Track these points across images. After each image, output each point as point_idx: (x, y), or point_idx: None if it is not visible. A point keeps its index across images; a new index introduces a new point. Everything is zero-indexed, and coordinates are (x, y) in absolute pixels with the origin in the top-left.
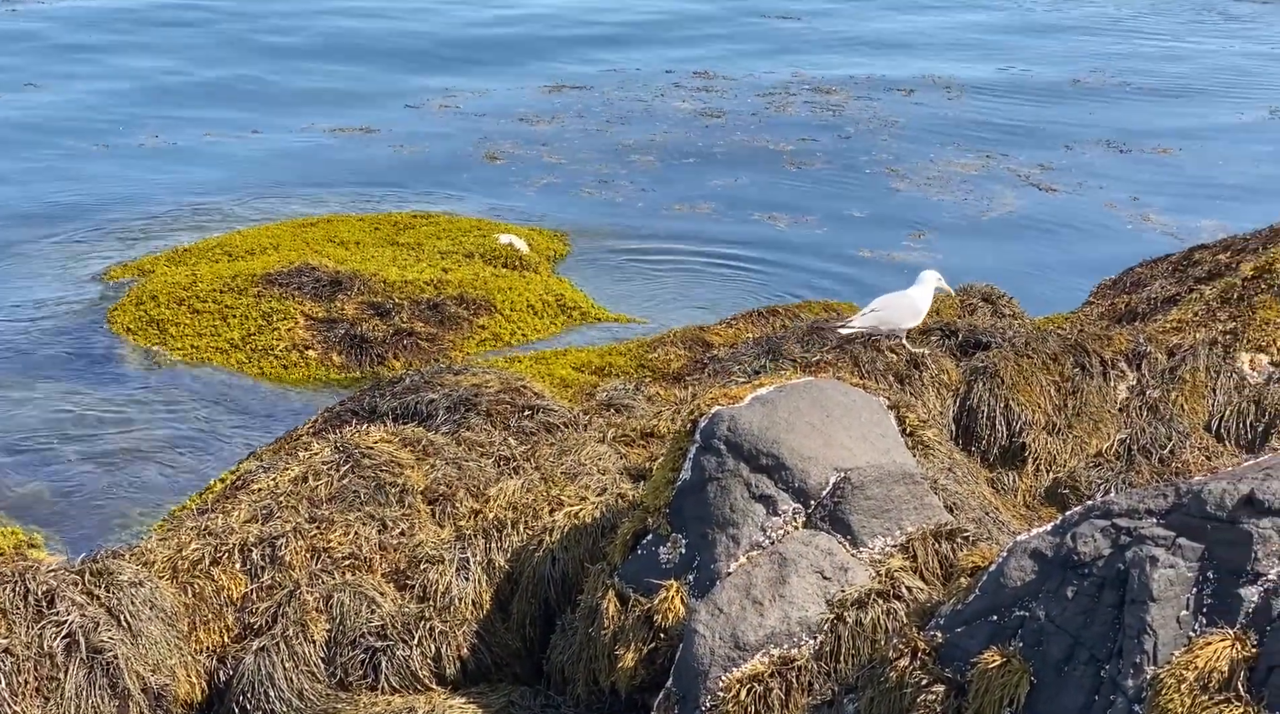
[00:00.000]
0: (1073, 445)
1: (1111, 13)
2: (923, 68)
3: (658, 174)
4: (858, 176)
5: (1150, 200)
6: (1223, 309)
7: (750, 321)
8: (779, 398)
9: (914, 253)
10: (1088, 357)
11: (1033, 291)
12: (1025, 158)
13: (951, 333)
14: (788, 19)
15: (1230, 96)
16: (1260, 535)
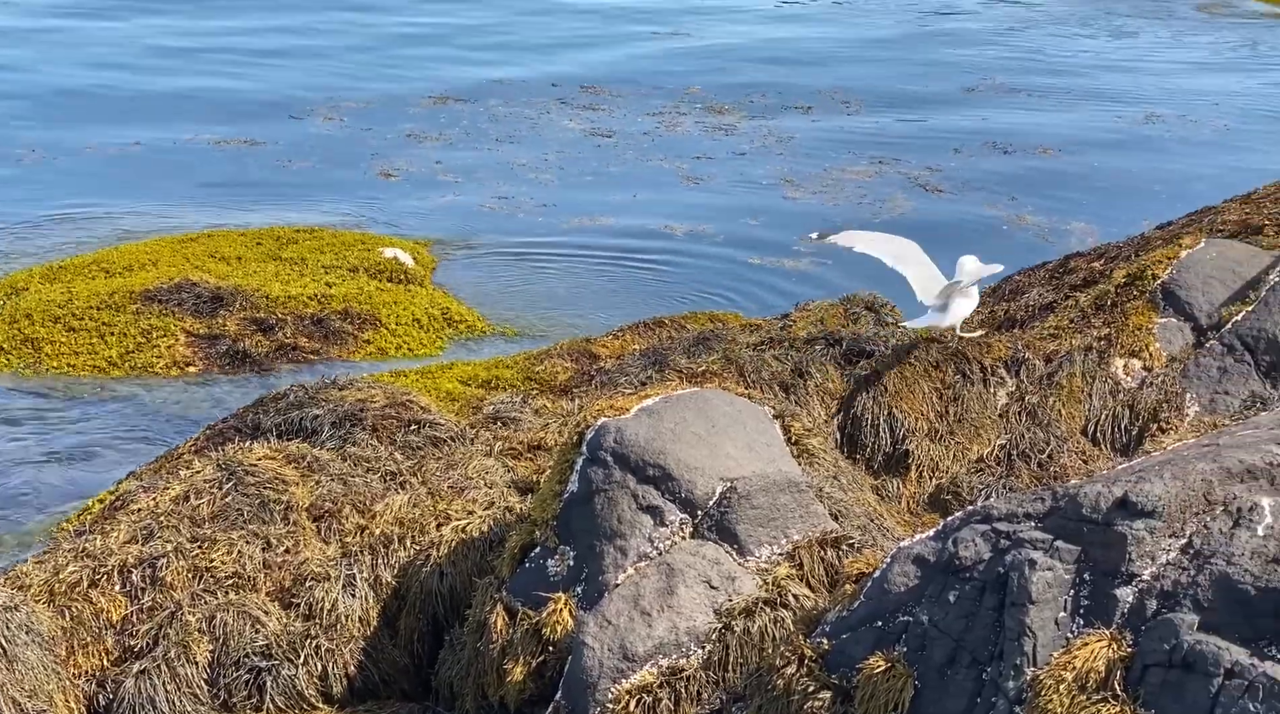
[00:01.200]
0: (955, 452)
1: (1005, 25)
2: (822, 83)
3: (552, 190)
4: (753, 188)
5: (1026, 202)
6: (1097, 316)
7: (637, 333)
8: (665, 409)
9: (804, 259)
10: (968, 364)
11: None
12: (916, 161)
13: (835, 342)
14: (676, 35)
15: (1109, 103)
16: (1134, 537)
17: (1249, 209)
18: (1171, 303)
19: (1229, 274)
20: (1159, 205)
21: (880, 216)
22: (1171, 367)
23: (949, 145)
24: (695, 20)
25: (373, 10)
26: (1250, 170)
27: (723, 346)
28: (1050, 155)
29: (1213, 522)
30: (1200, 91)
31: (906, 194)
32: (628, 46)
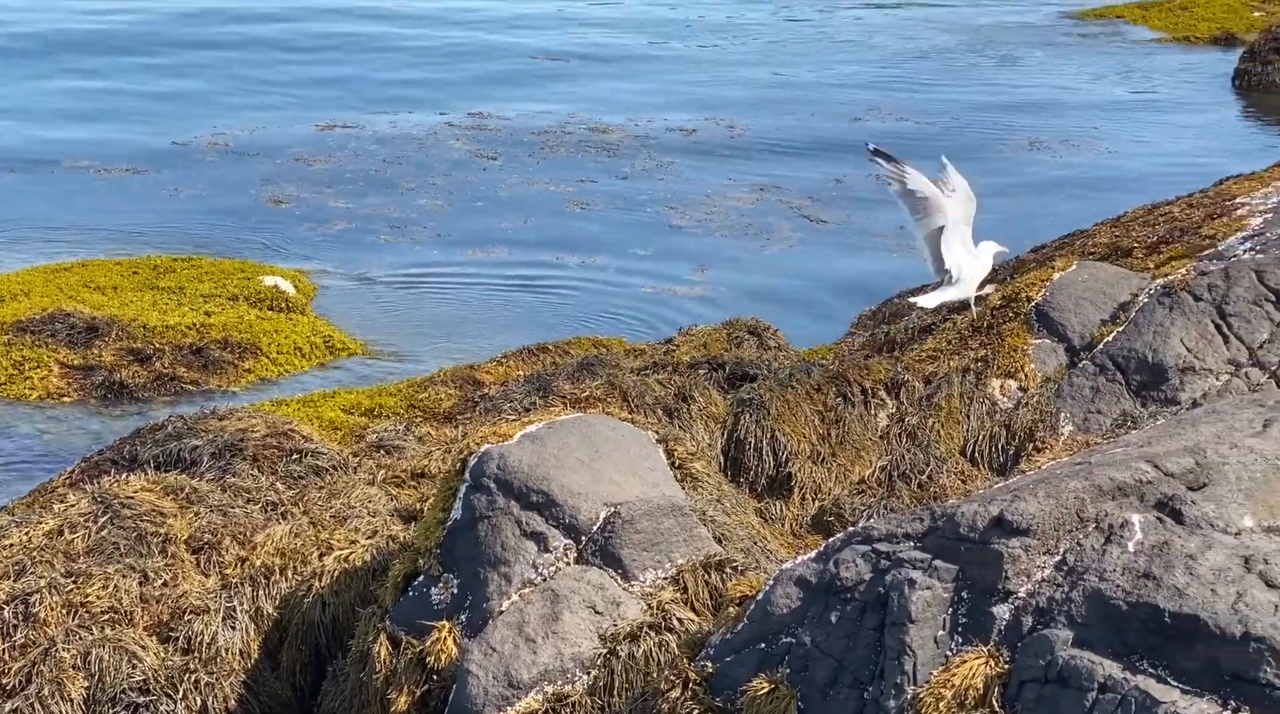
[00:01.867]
0: (837, 473)
1: (893, 54)
2: (706, 107)
3: (442, 215)
4: (639, 214)
5: (914, 231)
6: (974, 337)
7: (521, 359)
8: (548, 434)
9: (696, 288)
10: (849, 386)
11: (804, 322)
12: (798, 189)
13: (719, 366)
14: (556, 59)
15: (995, 129)
16: (1010, 555)
17: (1118, 232)
18: (1045, 324)
19: (1100, 296)
20: (1040, 228)
21: (769, 246)
22: (1046, 387)
23: (833, 173)
24: (576, 43)
25: (253, 45)
26: (1127, 192)
27: (607, 372)
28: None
29: (1085, 539)
30: (1083, 116)
31: (790, 222)
32: (511, 69)
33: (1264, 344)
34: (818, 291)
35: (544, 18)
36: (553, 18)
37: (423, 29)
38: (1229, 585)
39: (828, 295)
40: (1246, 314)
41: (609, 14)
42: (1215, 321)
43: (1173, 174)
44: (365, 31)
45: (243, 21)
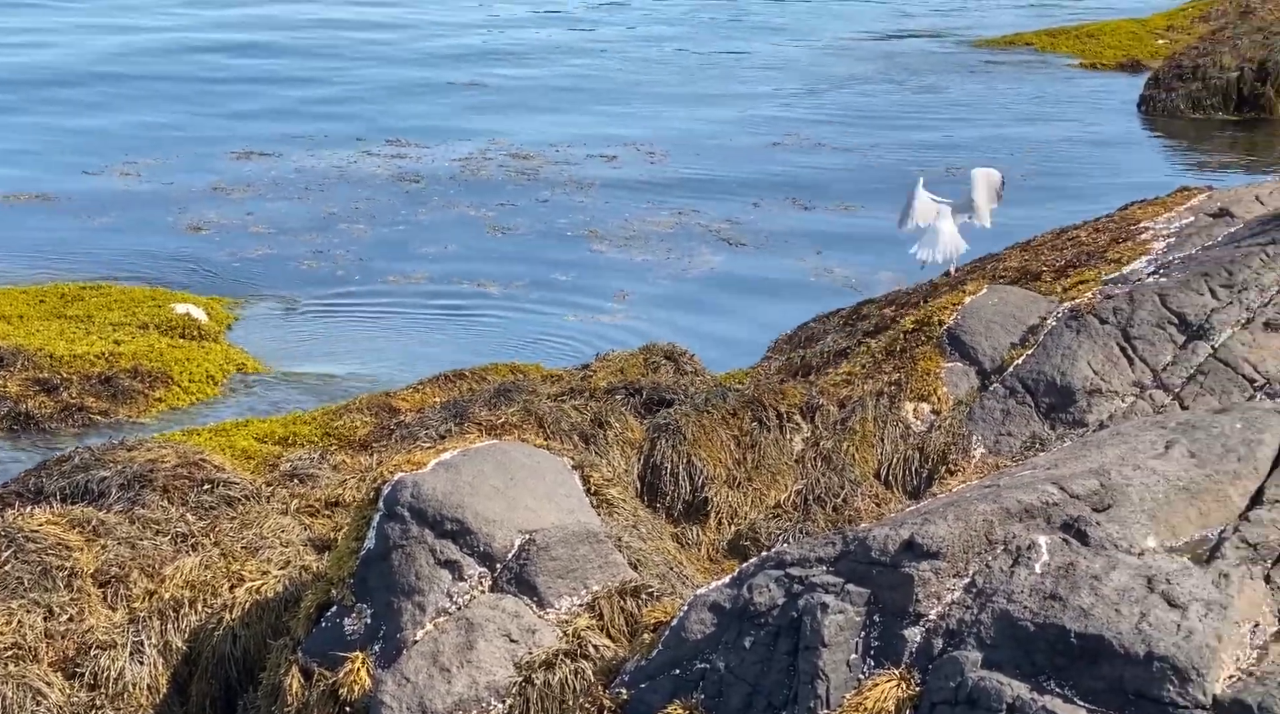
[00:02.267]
0: (753, 498)
1: (812, 83)
2: (625, 133)
3: (363, 241)
4: (560, 239)
5: (832, 255)
6: (888, 361)
7: (438, 386)
8: (463, 462)
9: (619, 314)
10: (765, 411)
11: (723, 346)
12: (716, 213)
13: (636, 391)
14: (475, 86)
15: (913, 156)
16: (920, 578)
17: (1028, 256)
18: (957, 348)
19: (1009, 319)
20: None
21: (690, 271)
22: (958, 410)
23: (749, 198)
24: (493, 72)
25: (167, 79)
26: (1039, 217)
27: (523, 398)
28: (852, 209)
29: (994, 561)
30: (997, 143)
31: (710, 248)
32: (428, 97)
33: (1167, 366)
34: (737, 315)
35: (464, 48)
36: (473, 48)
37: (337, 60)
38: (1133, 605)
39: (746, 319)
40: (1150, 337)
41: (528, 44)
42: (1121, 344)
43: (1081, 199)
44: (279, 63)
45: (154, 55)
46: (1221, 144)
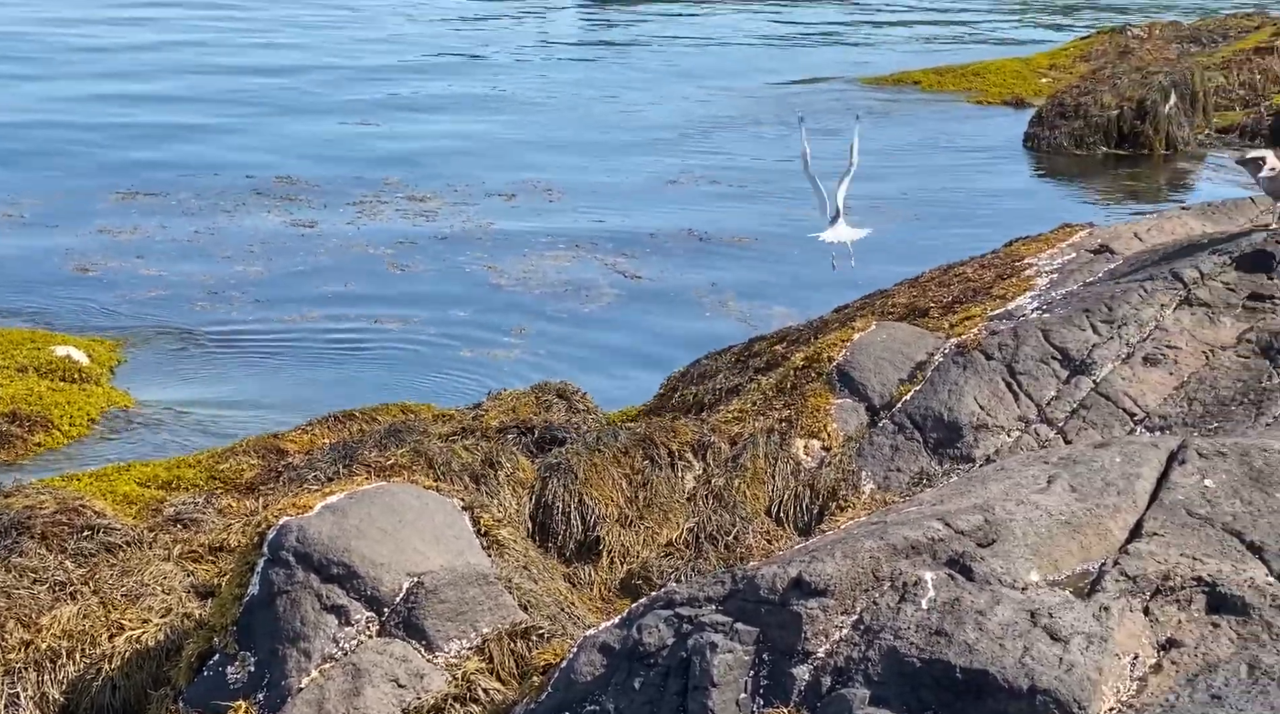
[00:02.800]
0: (645, 536)
1: (699, 125)
2: (522, 173)
3: (259, 281)
4: (458, 277)
5: (728, 289)
6: (779, 398)
7: (327, 427)
8: (350, 505)
9: (515, 350)
10: (657, 449)
11: (618, 382)
12: (613, 250)
13: (528, 430)
14: (369, 127)
15: (788, 196)
16: (809, 616)
17: (916, 292)
18: (847, 384)
19: (898, 355)
20: (846, 288)
21: (588, 306)
22: (848, 446)
23: (646, 232)
24: (390, 113)
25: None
26: (926, 253)
27: (414, 439)
28: (746, 244)
29: (881, 597)
30: (889, 180)
31: (609, 283)
32: (322, 138)
33: (1051, 401)
34: (634, 351)
35: (359, 88)
36: (368, 88)
37: (230, 103)
38: (1016, 640)
39: (642, 355)
40: (1035, 372)
41: (424, 84)
42: (1006, 380)
43: (967, 235)
44: (171, 105)
45: (47, 99)
46: (1103, 181)
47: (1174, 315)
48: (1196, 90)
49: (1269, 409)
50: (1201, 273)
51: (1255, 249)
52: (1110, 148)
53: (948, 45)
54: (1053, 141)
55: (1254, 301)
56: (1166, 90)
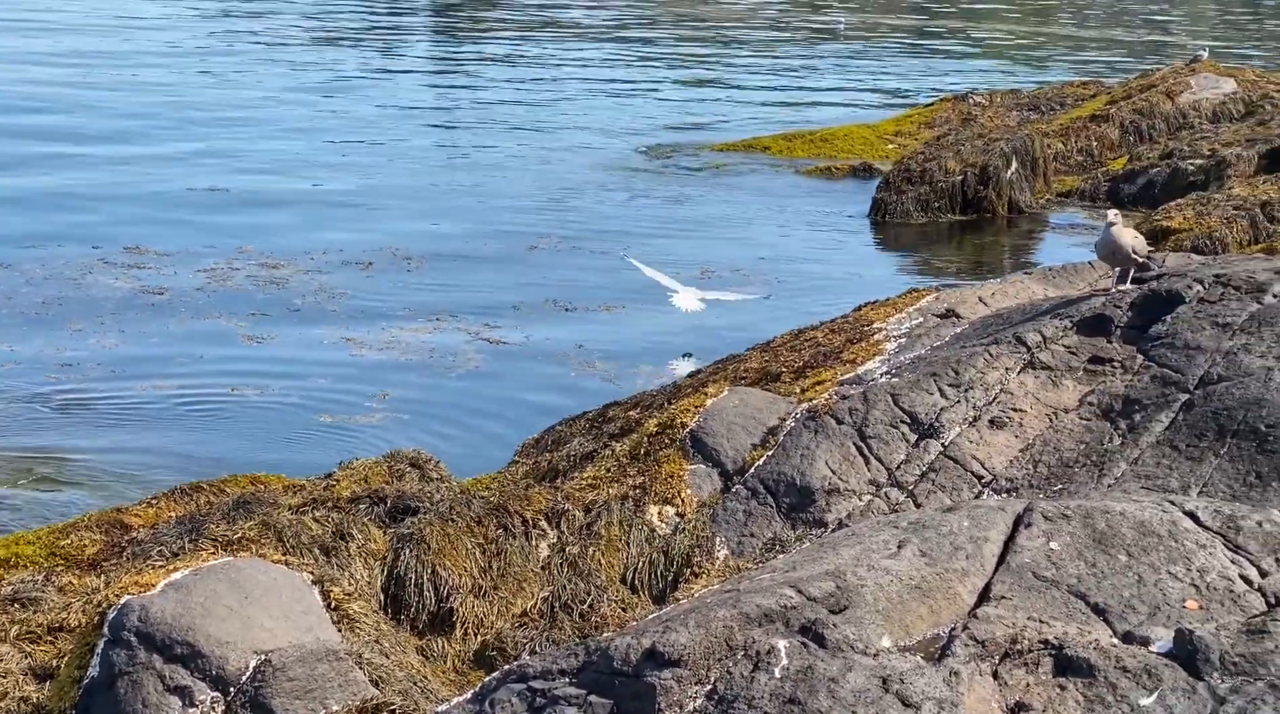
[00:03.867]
0: (499, 607)
1: (552, 191)
2: (379, 239)
3: (114, 353)
4: (317, 345)
5: (594, 350)
6: (633, 464)
7: (174, 500)
8: (194, 582)
9: (377, 415)
10: (510, 517)
11: (477, 449)
12: (474, 318)
13: (380, 500)
14: (217, 192)
15: (663, 259)
16: (663, 687)
17: (768, 357)
18: (700, 450)
19: (750, 421)
20: (701, 354)
21: (452, 372)
22: (702, 512)
23: (508, 302)
24: (236, 177)
25: None
26: (779, 317)
27: (263, 511)
28: (610, 307)
29: (734, 666)
30: (739, 246)
31: (474, 348)
32: (168, 204)
33: (901, 464)
34: (497, 415)
35: (202, 149)
36: (213, 149)
37: (68, 166)
38: (868, 707)
39: (507, 419)
40: (885, 436)
41: (273, 146)
42: (857, 444)
43: (819, 300)
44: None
45: None
46: (949, 245)
47: (1019, 379)
48: (1036, 156)
49: (1110, 470)
50: (1044, 337)
51: (1095, 313)
52: (955, 212)
53: (797, 111)
54: (900, 207)
55: (1094, 365)
56: (1008, 156)
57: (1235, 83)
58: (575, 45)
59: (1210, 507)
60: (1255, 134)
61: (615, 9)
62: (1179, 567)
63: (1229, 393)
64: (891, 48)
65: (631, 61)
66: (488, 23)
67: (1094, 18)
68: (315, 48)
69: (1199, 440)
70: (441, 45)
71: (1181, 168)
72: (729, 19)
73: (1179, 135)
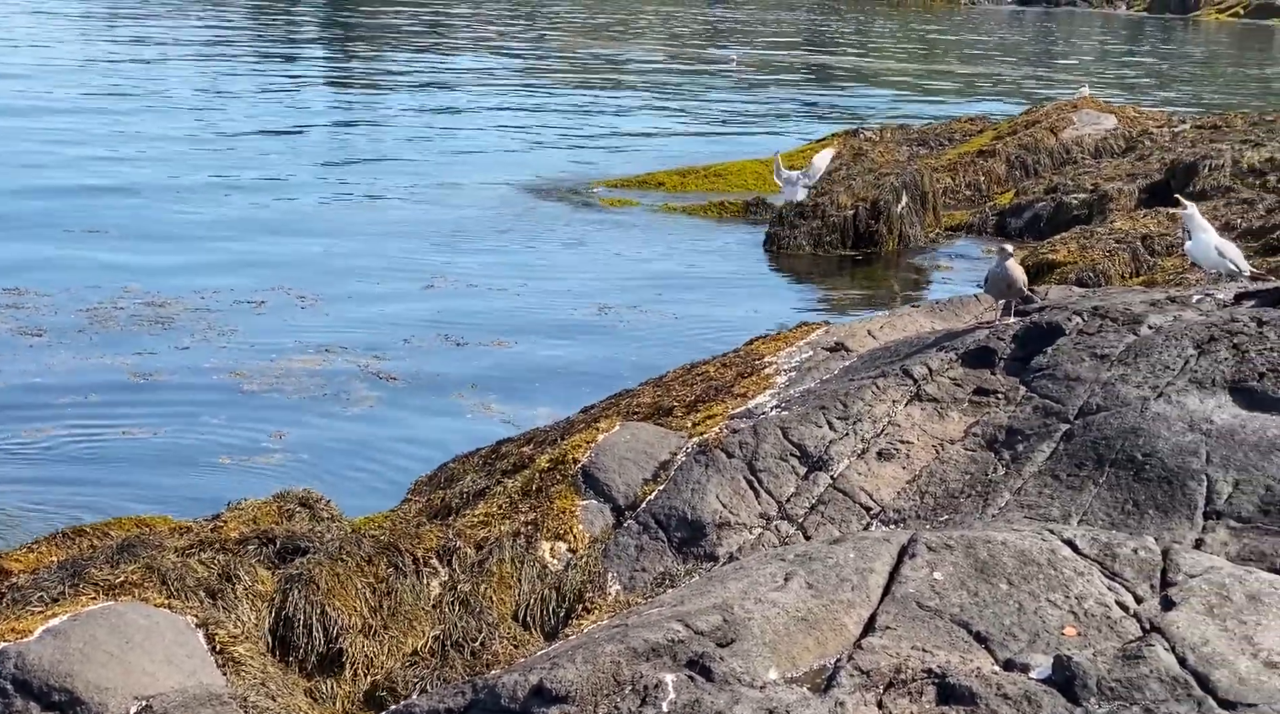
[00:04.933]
0: (389, 646)
1: (450, 228)
2: (268, 280)
3: None
4: (208, 386)
5: (489, 392)
6: (525, 501)
7: (55, 544)
8: (73, 628)
9: (275, 455)
10: (401, 556)
11: (371, 488)
12: (363, 351)
13: (269, 541)
14: (95, 233)
15: (553, 306)
16: None
17: (660, 392)
18: (592, 485)
19: (642, 455)
20: (597, 390)
21: (349, 408)
22: (594, 547)
23: (400, 336)
24: (116, 214)
25: None
26: (671, 355)
27: (147, 554)
28: (504, 346)
29: (622, 702)
30: (636, 288)
31: (366, 385)
32: (45, 240)
33: (791, 497)
34: (396, 452)
35: (79, 186)
36: (91, 187)
37: None
38: None
39: (404, 456)
40: (774, 469)
41: (153, 182)
42: (747, 477)
43: (714, 334)
44: None
45: None
46: (840, 279)
47: (906, 411)
48: (926, 191)
49: (994, 501)
50: (930, 369)
51: (979, 346)
52: (847, 246)
53: (691, 146)
54: (793, 241)
55: (979, 396)
56: (898, 191)
57: (1116, 119)
58: (471, 82)
59: (1088, 535)
60: (1136, 169)
61: (510, 46)
62: (1058, 594)
63: (1107, 422)
64: (784, 83)
65: (526, 98)
66: (382, 57)
67: (981, 56)
68: (203, 94)
69: (1079, 469)
70: (337, 85)
71: (1066, 202)
72: (623, 53)
73: (1063, 170)
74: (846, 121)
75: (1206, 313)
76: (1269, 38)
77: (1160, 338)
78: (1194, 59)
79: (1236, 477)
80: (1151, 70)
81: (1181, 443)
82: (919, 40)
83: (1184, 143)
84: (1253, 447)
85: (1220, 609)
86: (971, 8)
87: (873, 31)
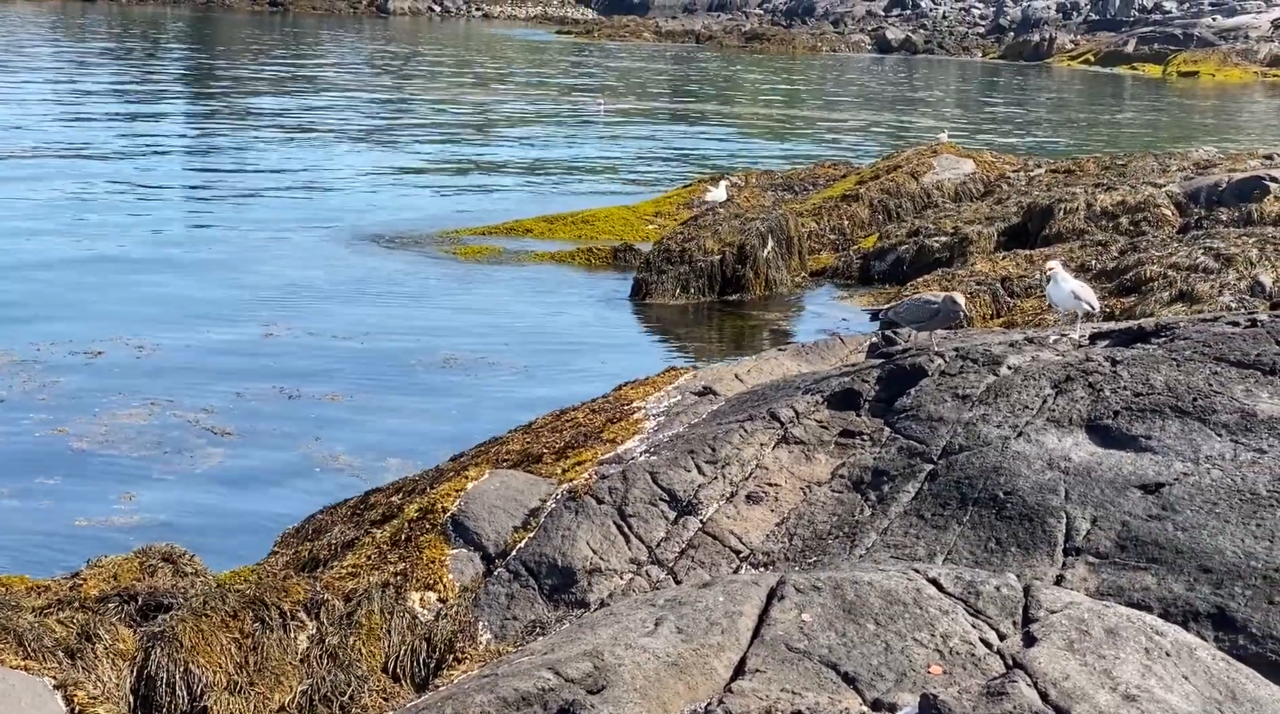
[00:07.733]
0: (256, 703)
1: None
2: (109, 329)
3: None
4: (33, 442)
5: (336, 440)
6: (394, 551)
7: None
8: None
9: (125, 516)
10: (267, 610)
11: (234, 543)
12: (191, 403)
13: (131, 598)
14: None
15: (411, 351)
16: None
17: (529, 439)
18: (461, 534)
19: (512, 503)
20: (457, 442)
21: (196, 467)
22: (464, 596)
23: (235, 388)
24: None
25: None
26: (538, 396)
27: (2, 614)
28: (340, 401)
29: None
30: (495, 332)
31: (205, 440)
32: None
33: (661, 542)
34: (245, 509)
35: None
36: None
37: None
38: None
39: (256, 511)
40: (645, 514)
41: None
42: (617, 523)
43: (578, 381)
44: None
45: None
46: (708, 324)
47: (773, 454)
48: (791, 235)
49: (861, 541)
50: (797, 412)
51: (844, 388)
52: (715, 291)
53: (559, 194)
54: (661, 286)
55: (845, 438)
56: (764, 235)
57: (974, 163)
58: (335, 127)
59: (953, 573)
60: (994, 212)
61: (376, 95)
62: (924, 633)
63: (969, 462)
64: (650, 130)
65: (391, 146)
66: (242, 105)
67: (843, 102)
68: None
69: (943, 509)
70: (195, 129)
71: (927, 245)
72: (490, 101)
73: (924, 214)
74: (712, 167)
75: (1063, 353)
76: (1119, 84)
77: (1019, 378)
78: (1048, 105)
79: (1094, 513)
80: (1008, 116)
81: (1041, 481)
82: (783, 87)
83: (1040, 187)
84: (1109, 483)
85: (1080, 644)
86: (833, 55)
87: (737, 79)
